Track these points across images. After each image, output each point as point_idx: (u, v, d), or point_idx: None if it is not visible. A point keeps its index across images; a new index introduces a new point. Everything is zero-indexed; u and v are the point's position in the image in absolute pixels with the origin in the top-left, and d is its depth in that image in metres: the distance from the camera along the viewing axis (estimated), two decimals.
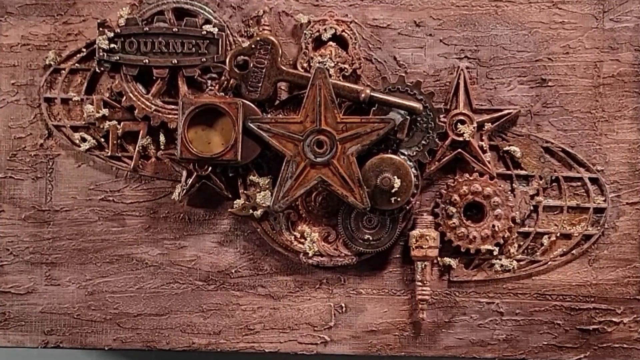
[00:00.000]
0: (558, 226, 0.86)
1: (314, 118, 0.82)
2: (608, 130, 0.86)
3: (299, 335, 0.88)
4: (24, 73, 0.89)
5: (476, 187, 0.85)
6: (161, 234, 0.88)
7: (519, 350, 0.86)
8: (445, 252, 0.86)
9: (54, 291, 0.89)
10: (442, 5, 0.86)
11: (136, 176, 0.88)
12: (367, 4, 0.87)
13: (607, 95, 0.85)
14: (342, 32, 0.86)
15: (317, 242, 0.86)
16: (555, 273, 0.86)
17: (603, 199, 0.86)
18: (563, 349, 0.86)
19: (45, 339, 0.89)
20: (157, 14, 0.86)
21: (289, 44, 0.87)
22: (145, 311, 0.88)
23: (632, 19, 0.85)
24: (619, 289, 0.86)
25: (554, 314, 0.86)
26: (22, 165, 0.89)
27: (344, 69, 0.85)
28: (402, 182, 0.83)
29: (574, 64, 0.86)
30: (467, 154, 0.85)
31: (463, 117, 0.85)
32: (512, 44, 0.86)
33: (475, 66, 0.86)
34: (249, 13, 0.87)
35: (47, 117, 0.89)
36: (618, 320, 0.86)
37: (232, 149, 0.83)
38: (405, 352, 0.87)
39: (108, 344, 0.89)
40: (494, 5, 0.86)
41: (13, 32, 0.89)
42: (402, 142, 0.84)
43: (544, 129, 0.86)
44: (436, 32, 0.86)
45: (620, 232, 0.86)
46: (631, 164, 0.85)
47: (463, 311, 0.87)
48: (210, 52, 0.86)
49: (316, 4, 0.87)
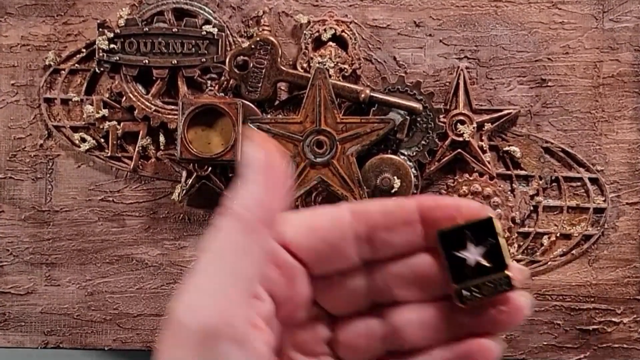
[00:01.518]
0: (558, 226, 0.86)
1: (314, 118, 0.82)
2: (608, 131, 0.86)
3: None
4: (24, 73, 0.89)
5: (476, 187, 0.85)
6: (161, 235, 0.88)
7: (519, 351, 0.86)
8: None
9: (54, 292, 0.89)
10: (442, 6, 0.86)
11: (136, 177, 0.88)
12: (366, 5, 0.87)
13: (607, 95, 0.85)
14: (342, 32, 0.86)
15: None
16: (555, 273, 0.86)
17: (603, 199, 0.86)
18: (563, 349, 0.86)
19: (45, 340, 0.89)
20: (156, 15, 0.86)
21: (289, 44, 0.87)
22: (145, 311, 0.88)
23: (631, 19, 0.85)
24: (618, 289, 0.86)
25: (554, 314, 0.86)
26: (22, 165, 0.89)
27: (343, 69, 0.85)
28: (401, 183, 0.83)
29: (574, 64, 0.86)
30: (467, 154, 0.85)
31: (463, 117, 0.85)
32: (511, 44, 0.86)
33: (475, 66, 0.86)
34: (249, 13, 0.87)
35: (47, 117, 0.89)
36: (618, 320, 0.86)
37: (232, 149, 0.83)
38: None
39: (108, 345, 0.89)
40: (493, 6, 0.86)
41: (13, 32, 0.89)
42: (401, 142, 0.84)
43: (544, 129, 0.86)
44: (436, 33, 0.86)
45: (620, 232, 0.86)
46: (631, 164, 0.85)
47: None
48: (210, 53, 0.86)
49: (316, 4, 0.87)
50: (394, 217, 0.40)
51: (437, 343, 0.40)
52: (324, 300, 0.41)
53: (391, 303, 0.41)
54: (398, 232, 0.40)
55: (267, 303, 0.39)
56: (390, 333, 0.41)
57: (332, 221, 0.40)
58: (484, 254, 0.40)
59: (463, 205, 0.40)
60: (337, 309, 0.41)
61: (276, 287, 0.39)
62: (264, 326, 0.38)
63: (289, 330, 0.41)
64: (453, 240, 0.39)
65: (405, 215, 0.40)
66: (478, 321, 0.40)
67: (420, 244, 0.40)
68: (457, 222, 0.39)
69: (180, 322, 0.36)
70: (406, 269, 0.40)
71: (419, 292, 0.40)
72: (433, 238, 0.40)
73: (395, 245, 0.40)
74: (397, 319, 0.41)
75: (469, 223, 0.39)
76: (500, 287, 0.39)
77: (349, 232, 0.40)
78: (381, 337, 0.41)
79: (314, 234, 0.40)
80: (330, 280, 0.41)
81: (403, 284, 0.40)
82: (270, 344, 0.38)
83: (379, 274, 0.40)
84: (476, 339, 0.40)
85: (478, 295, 0.39)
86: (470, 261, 0.39)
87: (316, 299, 0.41)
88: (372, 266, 0.40)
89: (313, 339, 0.41)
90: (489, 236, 0.39)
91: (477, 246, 0.40)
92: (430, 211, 0.39)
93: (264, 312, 0.39)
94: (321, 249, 0.40)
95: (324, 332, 0.41)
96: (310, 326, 0.41)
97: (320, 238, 0.40)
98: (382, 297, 0.41)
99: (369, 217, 0.40)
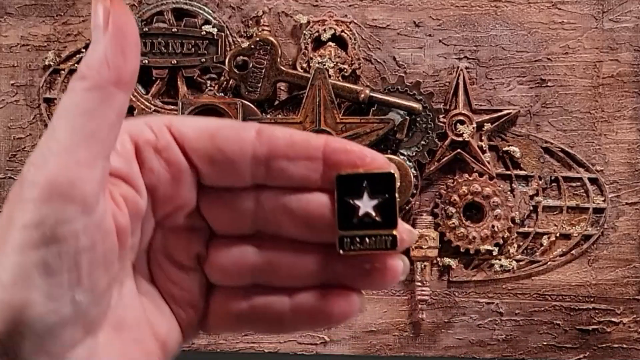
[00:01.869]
0: (557, 226, 0.86)
1: (314, 118, 0.82)
2: (607, 131, 0.86)
3: (299, 336, 0.88)
4: (24, 73, 0.89)
5: (475, 188, 0.85)
6: None
7: (519, 351, 0.86)
8: (445, 252, 0.86)
9: None
10: (442, 6, 0.86)
11: None
12: (366, 5, 0.87)
13: (606, 95, 0.85)
14: (342, 32, 0.86)
15: None
16: (554, 273, 0.86)
17: (602, 199, 0.86)
18: (562, 349, 0.86)
19: None
20: (156, 15, 0.86)
21: (289, 44, 0.87)
22: None
23: (631, 19, 0.85)
24: (618, 289, 0.86)
25: (554, 314, 0.86)
26: (22, 165, 0.89)
27: (343, 69, 0.85)
28: (401, 183, 0.83)
29: (574, 64, 0.86)
30: (466, 154, 0.85)
31: (462, 118, 0.85)
32: (511, 44, 0.86)
33: (475, 66, 0.86)
34: (249, 13, 0.87)
35: (47, 117, 0.89)
36: (617, 320, 0.86)
37: None
38: (404, 353, 0.87)
39: None
40: (493, 6, 0.86)
41: (12, 32, 0.89)
42: (401, 142, 0.84)
43: (544, 129, 0.86)
44: (435, 33, 0.86)
45: (619, 232, 0.86)
46: (630, 164, 0.85)
47: (462, 311, 0.87)
48: (210, 53, 0.86)
49: (315, 4, 0.87)
50: (297, 149, 0.39)
51: (305, 287, 0.40)
52: (208, 213, 0.40)
53: (274, 236, 0.40)
54: (298, 164, 0.39)
55: (143, 196, 0.38)
56: (262, 265, 0.40)
57: (235, 134, 0.39)
58: (376, 207, 0.39)
59: (368, 155, 0.39)
60: (219, 227, 0.40)
61: (159, 184, 0.39)
62: (124, 207, 0.37)
63: (163, 233, 0.40)
64: (350, 187, 0.39)
65: (309, 150, 0.39)
66: (350, 273, 0.39)
67: (318, 182, 0.39)
68: (358, 170, 0.39)
69: (25, 178, 0.36)
70: (298, 204, 0.39)
71: (305, 231, 0.39)
72: (331, 180, 0.39)
73: (292, 177, 0.39)
74: (275, 255, 0.40)
75: (370, 173, 0.39)
76: (383, 244, 0.39)
77: (248, 150, 0.39)
78: (252, 267, 0.40)
79: (213, 141, 0.39)
80: (219, 195, 0.40)
81: (291, 218, 0.39)
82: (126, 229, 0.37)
83: (270, 202, 0.39)
84: (341, 290, 0.39)
85: (359, 247, 0.38)
86: (361, 211, 0.39)
87: (201, 210, 0.40)
88: (265, 193, 0.39)
89: (185, 250, 0.40)
90: (386, 192, 0.39)
91: (372, 199, 0.39)
92: (335, 153, 0.39)
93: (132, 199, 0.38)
94: (216, 159, 0.39)
95: (198, 246, 0.40)
96: (185, 236, 0.40)
97: (218, 147, 0.39)
98: (267, 227, 0.40)
99: (273, 141, 0.39)
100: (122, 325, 0.38)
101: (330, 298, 0.39)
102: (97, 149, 0.35)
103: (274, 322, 0.40)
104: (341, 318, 0.40)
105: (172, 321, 0.42)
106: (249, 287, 0.41)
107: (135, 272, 0.40)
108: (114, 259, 0.37)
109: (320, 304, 0.40)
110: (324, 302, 0.40)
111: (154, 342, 0.40)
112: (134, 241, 0.39)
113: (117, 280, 0.38)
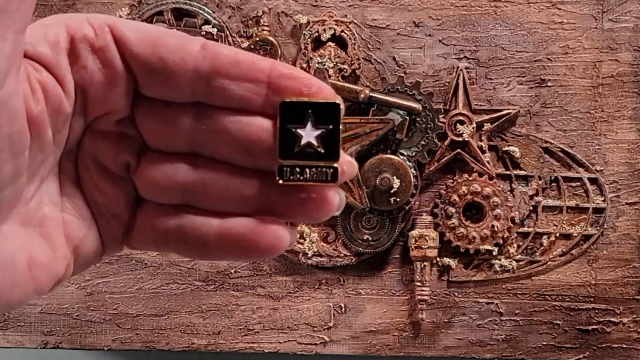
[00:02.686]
0: (557, 226, 0.86)
1: None
2: (607, 131, 0.86)
3: (299, 336, 0.88)
4: None
5: (475, 188, 0.85)
6: None
7: (518, 351, 0.86)
8: (445, 252, 0.86)
9: (53, 292, 0.89)
10: (442, 6, 0.86)
11: None
12: (366, 5, 0.87)
13: (606, 95, 0.85)
14: (341, 32, 0.86)
15: (317, 242, 0.86)
16: (554, 273, 0.86)
17: (602, 199, 0.86)
18: (562, 349, 0.86)
19: (45, 340, 0.89)
20: (156, 15, 0.86)
21: (288, 44, 0.87)
22: (145, 312, 0.88)
23: (631, 19, 0.85)
24: (618, 289, 0.86)
25: (554, 314, 0.86)
26: None
27: (343, 69, 0.85)
28: (401, 183, 0.83)
29: (573, 64, 0.86)
30: (466, 154, 0.85)
31: (462, 118, 0.85)
32: (511, 44, 0.86)
33: (475, 66, 0.86)
34: (248, 13, 0.87)
35: None
36: (617, 320, 0.86)
37: None
38: (404, 352, 0.87)
39: (107, 345, 0.89)
40: (493, 6, 0.86)
41: None
42: (401, 142, 0.84)
43: (543, 129, 0.86)
44: (435, 33, 0.86)
45: (619, 232, 0.86)
46: (630, 164, 0.86)
47: (462, 311, 0.87)
48: None
49: (315, 4, 0.87)
50: (241, 68, 0.37)
51: (236, 212, 0.39)
52: (142, 124, 0.39)
53: (209, 158, 0.39)
54: (241, 85, 0.37)
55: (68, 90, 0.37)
56: (195, 185, 0.39)
57: (179, 45, 0.38)
58: (319, 138, 0.38)
59: (315, 84, 0.38)
60: (153, 140, 0.39)
61: (92, 84, 0.38)
62: (40, 94, 0.36)
63: (93, 136, 0.39)
64: (293, 115, 0.37)
65: (254, 72, 0.38)
66: (284, 201, 0.38)
67: (260, 107, 0.38)
68: (304, 98, 0.38)
69: None
70: (237, 125, 0.38)
71: (243, 155, 0.38)
72: (274, 106, 0.38)
73: (234, 97, 0.38)
74: (208, 175, 0.39)
75: (315, 102, 0.38)
76: (324, 176, 0.38)
77: (190, 63, 0.37)
78: (183, 184, 0.39)
79: (155, 49, 0.38)
80: (156, 107, 0.39)
81: (229, 140, 0.38)
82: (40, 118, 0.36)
83: (208, 121, 0.38)
84: (272, 222, 0.38)
85: (299, 177, 0.38)
86: (303, 140, 0.38)
87: (136, 120, 0.39)
88: (204, 112, 0.38)
89: (113, 156, 0.39)
90: (331, 123, 0.38)
91: (316, 129, 0.38)
92: (281, 78, 0.37)
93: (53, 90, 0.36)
94: (156, 68, 0.37)
95: (127, 155, 0.39)
96: (115, 142, 0.39)
97: (159, 56, 0.37)
98: (203, 147, 0.39)
99: (217, 58, 0.37)
100: (30, 220, 0.37)
101: (260, 228, 0.38)
102: (6, 21, 0.33)
103: (199, 245, 0.39)
104: (269, 249, 0.39)
105: (91, 228, 0.40)
106: (179, 206, 0.39)
107: (61, 172, 0.39)
108: (24, 147, 0.35)
109: (248, 232, 0.38)
110: (253, 231, 0.38)
111: (63, 243, 0.39)
112: (58, 138, 0.38)
113: (36, 175, 0.37)
